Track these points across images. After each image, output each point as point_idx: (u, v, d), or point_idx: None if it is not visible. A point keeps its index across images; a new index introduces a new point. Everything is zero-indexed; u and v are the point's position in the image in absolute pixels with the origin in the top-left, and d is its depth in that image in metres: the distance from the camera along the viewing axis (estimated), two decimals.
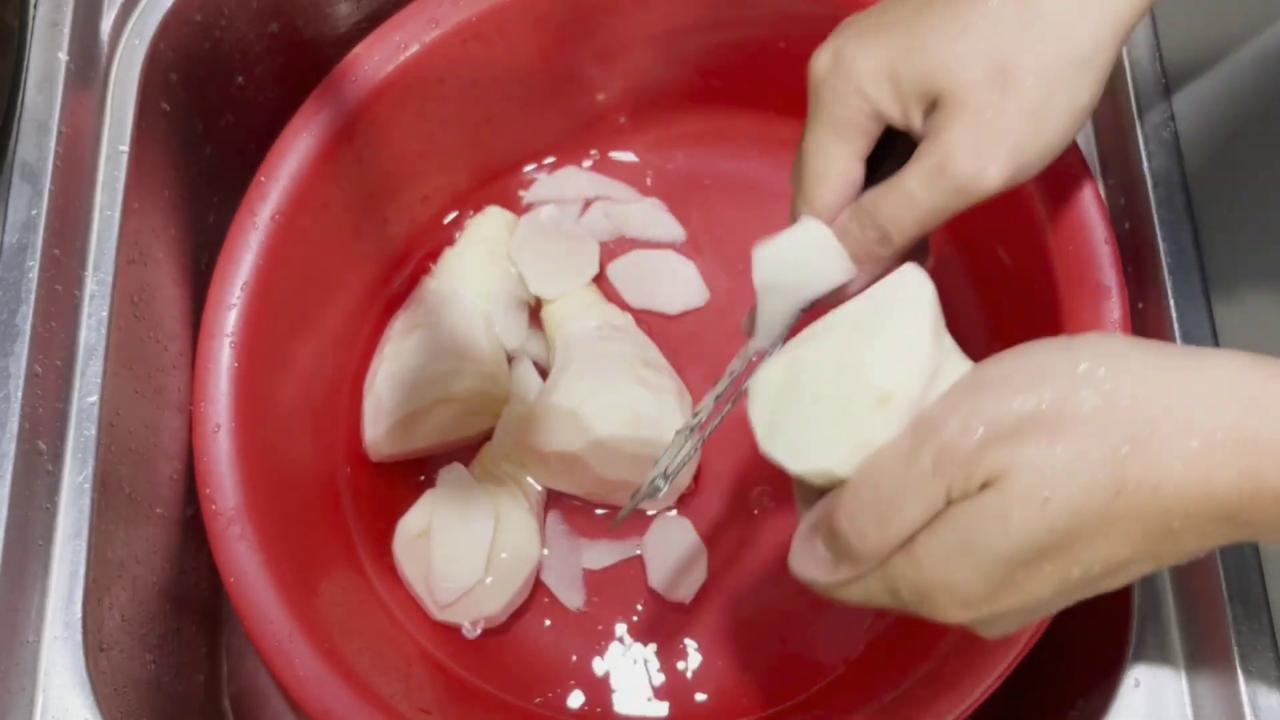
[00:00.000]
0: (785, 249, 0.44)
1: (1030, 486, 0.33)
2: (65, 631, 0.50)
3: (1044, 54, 0.40)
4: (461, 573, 0.61)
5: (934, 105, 0.41)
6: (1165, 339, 0.52)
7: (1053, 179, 0.54)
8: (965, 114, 0.40)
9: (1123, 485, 0.33)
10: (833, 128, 0.42)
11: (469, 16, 0.61)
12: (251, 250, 0.58)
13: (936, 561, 0.34)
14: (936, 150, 0.41)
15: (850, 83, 0.42)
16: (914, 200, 0.41)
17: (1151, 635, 0.50)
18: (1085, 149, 0.57)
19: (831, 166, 0.43)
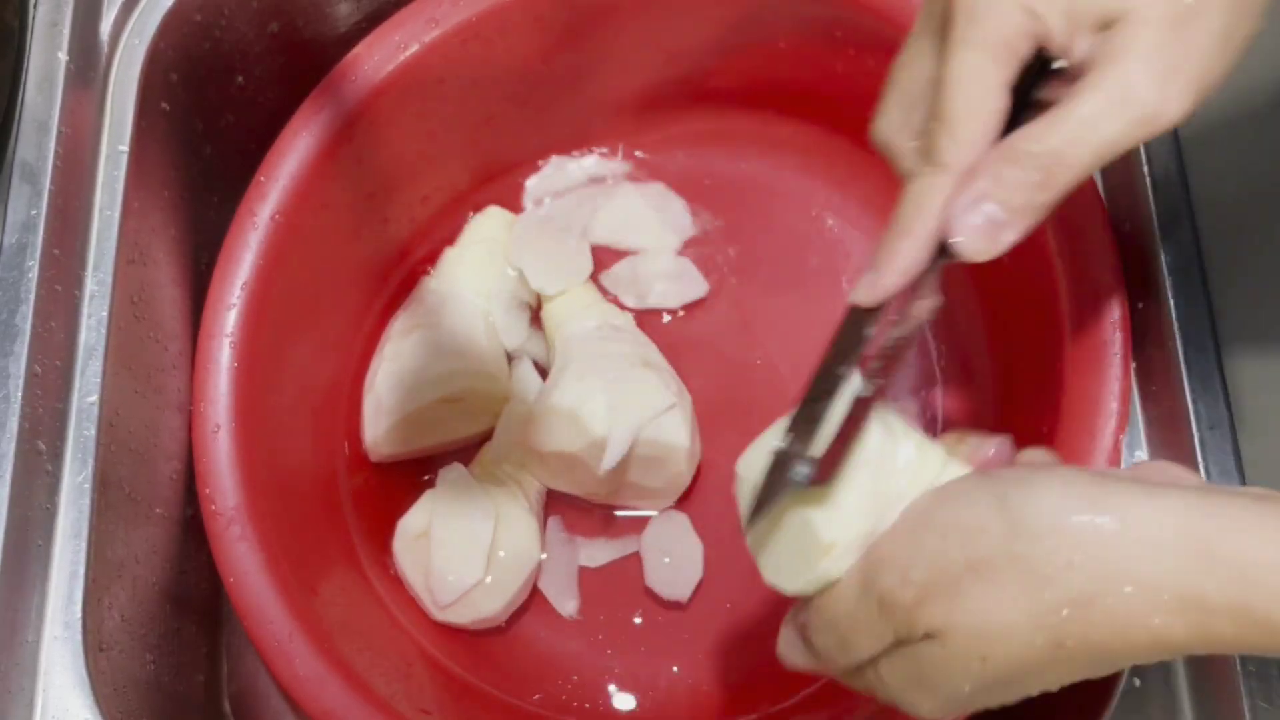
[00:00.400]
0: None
1: (967, 647, 0.34)
2: (65, 631, 0.50)
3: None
4: (461, 573, 0.61)
5: (1109, 26, 0.37)
6: (1165, 339, 0.52)
7: None
8: (1150, 35, 0.36)
9: (1063, 641, 0.33)
10: (988, 49, 0.37)
11: (469, 16, 0.61)
12: (251, 250, 0.58)
13: (897, 685, 0.37)
14: (1116, 75, 0.36)
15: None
16: (1091, 132, 0.36)
17: None
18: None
19: (988, 95, 0.37)
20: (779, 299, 0.69)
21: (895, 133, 0.42)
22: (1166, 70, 0.36)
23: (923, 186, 0.39)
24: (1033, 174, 0.37)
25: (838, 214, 0.70)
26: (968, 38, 0.37)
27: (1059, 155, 0.37)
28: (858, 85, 0.64)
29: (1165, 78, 0.36)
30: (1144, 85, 0.36)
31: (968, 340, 0.66)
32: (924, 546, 0.35)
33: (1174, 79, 0.36)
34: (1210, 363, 0.51)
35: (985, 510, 0.34)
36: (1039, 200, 0.38)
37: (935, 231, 0.39)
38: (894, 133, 0.42)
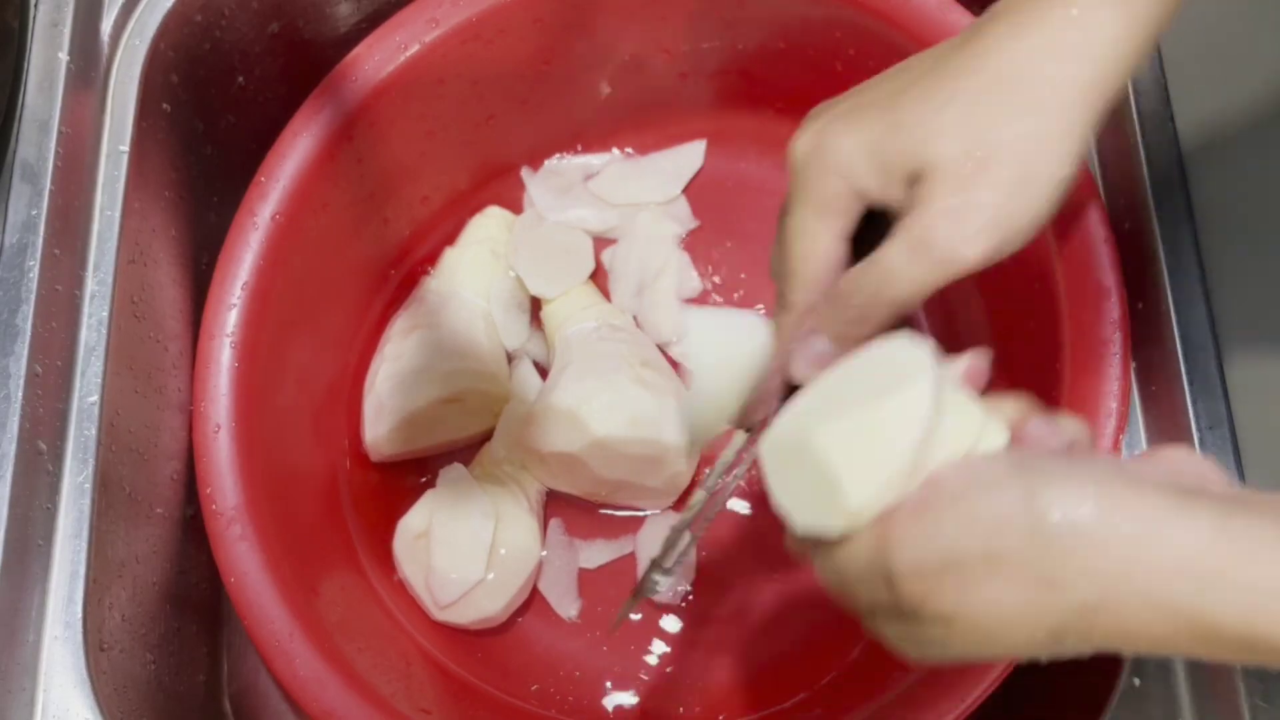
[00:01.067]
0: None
1: (970, 633, 0.35)
2: (66, 631, 0.50)
3: (1021, 130, 0.40)
4: (461, 573, 0.61)
5: (915, 181, 0.41)
6: (1165, 339, 0.52)
7: None
8: (946, 188, 0.40)
9: (1063, 638, 0.35)
10: (814, 208, 0.42)
11: (469, 16, 0.61)
12: (252, 250, 0.58)
13: (899, 639, 0.38)
14: (917, 224, 0.40)
15: (831, 162, 0.42)
16: (894, 276, 0.41)
17: None
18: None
19: (816, 246, 0.43)
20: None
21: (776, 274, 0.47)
22: (959, 218, 0.40)
23: (776, 324, 0.44)
24: (851, 313, 0.42)
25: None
26: (799, 198, 0.43)
27: (872, 297, 0.42)
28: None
29: (959, 225, 0.40)
30: (939, 233, 0.40)
31: (968, 340, 0.65)
32: (943, 531, 0.35)
33: (967, 225, 0.40)
34: (1210, 363, 0.51)
35: (1012, 504, 0.35)
36: (860, 333, 0.43)
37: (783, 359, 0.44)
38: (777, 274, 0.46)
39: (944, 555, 0.35)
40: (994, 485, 0.35)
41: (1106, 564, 0.33)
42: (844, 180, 0.42)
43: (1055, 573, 0.34)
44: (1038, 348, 0.56)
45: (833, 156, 0.42)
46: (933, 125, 0.40)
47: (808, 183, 0.43)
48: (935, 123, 0.40)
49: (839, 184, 0.42)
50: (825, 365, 0.41)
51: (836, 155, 0.42)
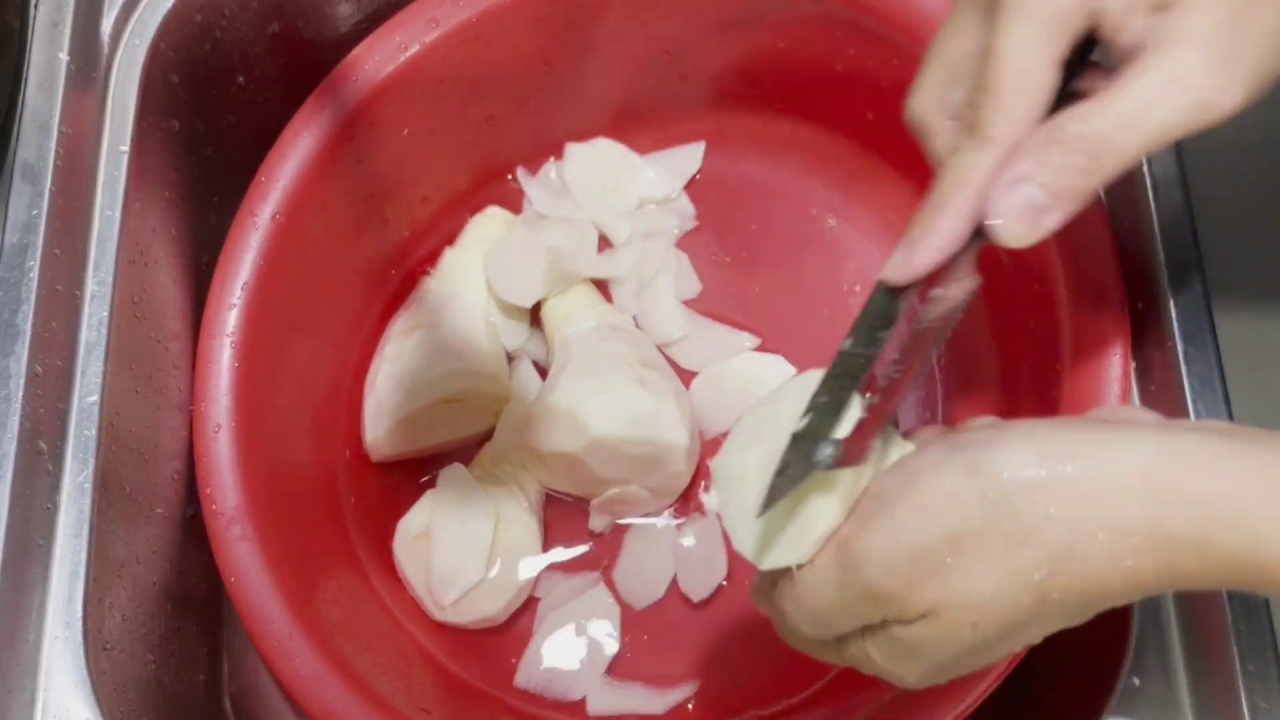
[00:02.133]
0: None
1: (958, 619, 0.35)
2: (66, 631, 0.50)
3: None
4: (461, 573, 0.61)
5: (1164, 8, 0.36)
6: (1165, 339, 0.52)
7: None
8: (1208, 21, 0.35)
9: (1046, 596, 0.34)
10: (1043, 21, 0.36)
11: (469, 16, 0.61)
12: (252, 250, 0.58)
13: (885, 659, 0.37)
14: (1172, 59, 0.35)
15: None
16: (1143, 117, 0.35)
17: (1151, 636, 0.50)
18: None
19: (1039, 68, 0.36)
20: (778, 299, 0.69)
21: (931, 110, 0.40)
22: (1224, 58, 0.35)
23: (964, 160, 0.37)
24: (1078, 158, 0.36)
25: (838, 214, 0.70)
26: (1022, 7, 0.36)
27: (1107, 139, 0.36)
28: (858, 85, 0.64)
29: (1222, 66, 0.35)
30: (1200, 72, 0.35)
31: (968, 340, 0.66)
32: (903, 530, 0.35)
33: (1231, 68, 0.35)
34: (1210, 363, 0.51)
35: (957, 480, 0.34)
36: (1083, 185, 0.36)
37: (975, 208, 0.37)
38: (930, 110, 0.40)
39: (910, 550, 0.35)
40: (933, 469, 0.35)
41: (1062, 505, 0.33)
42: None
43: (1018, 531, 0.33)
44: (1038, 348, 0.56)
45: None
46: None
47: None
48: None
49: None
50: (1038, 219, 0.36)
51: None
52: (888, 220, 0.68)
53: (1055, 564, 0.34)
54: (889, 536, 0.35)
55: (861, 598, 0.36)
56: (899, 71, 0.62)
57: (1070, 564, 0.33)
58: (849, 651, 0.38)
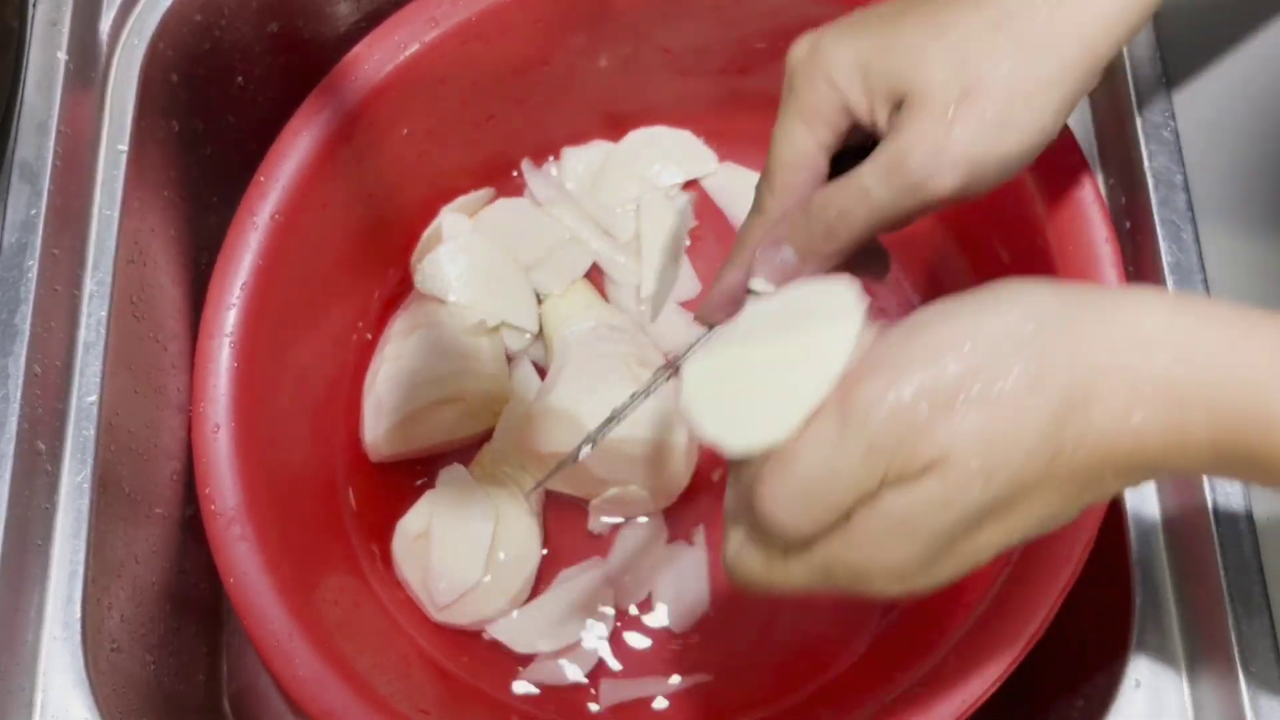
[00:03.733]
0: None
1: (972, 468, 0.33)
2: (65, 631, 0.50)
3: (1011, 71, 0.40)
4: (461, 573, 0.61)
5: (899, 105, 0.41)
6: None
7: (1053, 178, 0.54)
8: (926, 115, 0.40)
9: (1060, 447, 0.33)
10: (802, 116, 0.43)
11: (469, 16, 0.61)
12: (251, 250, 0.58)
13: (875, 542, 0.34)
14: (894, 147, 0.41)
15: (822, 72, 0.42)
16: (865, 194, 0.41)
17: (1152, 635, 0.50)
18: (1085, 147, 0.57)
19: (798, 153, 0.43)
20: None
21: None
22: (935, 149, 0.40)
23: (746, 225, 0.45)
24: (819, 227, 0.43)
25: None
26: (788, 104, 0.44)
27: (842, 214, 0.42)
28: None
29: (934, 155, 0.40)
30: (914, 159, 0.40)
31: None
32: (914, 370, 0.34)
33: (942, 157, 0.40)
34: None
35: (972, 320, 0.34)
36: (825, 248, 0.43)
37: (749, 259, 0.45)
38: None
39: (920, 387, 0.33)
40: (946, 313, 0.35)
41: (1083, 349, 0.33)
42: (833, 91, 0.42)
43: (1037, 371, 0.33)
44: None
45: (825, 65, 0.42)
46: (925, 51, 0.41)
47: (798, 89, 0.43)
48: (929, 49, 0.40)
49: (828, 93, 0.42)
50: (787, 276, 0.43)
51: (828, 64, 0.42)
52: None
53: (1070, 409, 0.33)
54: (898, 378, 0.33)
55: (862, 454, 0.33)
56: None
57: (1086, 411, 0.33)
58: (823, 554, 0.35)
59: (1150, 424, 0.33)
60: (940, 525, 0.34)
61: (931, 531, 0.34)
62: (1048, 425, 0.33)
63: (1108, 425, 0.33)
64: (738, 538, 0.38)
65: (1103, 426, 0.33)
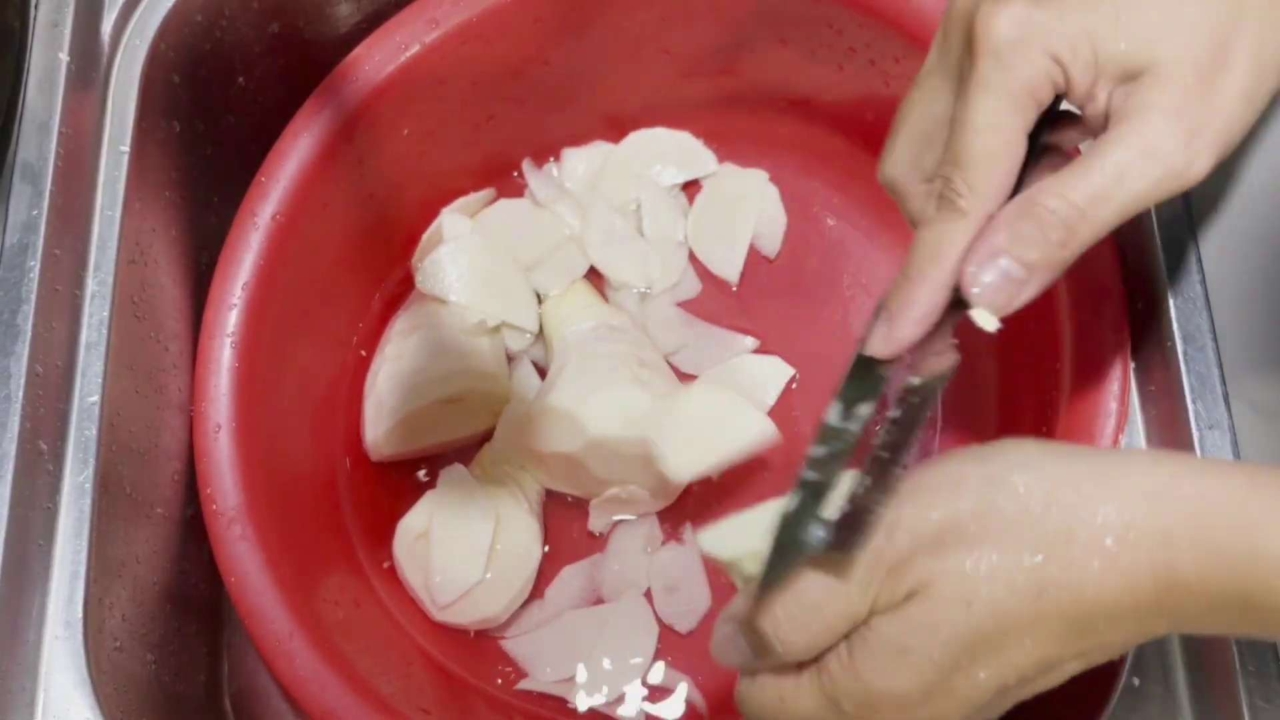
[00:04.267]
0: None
1: (953, 594, 0.34)
2: (66, 631, 0.50)
3: (1260, 34, 0.36)
4: (461, 573, 0.61)
5: (1132, 78, 0.36)
6: (1164, 339, 0.52)
7: None
8: (1176, 92, 0.36)
9: (1044, 587, 0.34)
10: (1012, 95, 0.36)
11: (469, 16, 0.61)
12: (252, 250, 0.58)
13: (874, 669, 0.35)
14: (1142, 131, 0.36)
15: (1041, 43, 0.36)
16: (1116, 189, 0.36)
17: None
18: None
19: (1005, 141, 0.37)
20: (777, 299, 0.69)
21: (905, 173, 0.41)
22: (1193, 128, 0.36)
23: (940, 233, 0.38)
24: (1053, 232, 0.37)
25: (838, 214, 0.70)
26: (991, 82, 0.37)
27: (1082, 212, 0.36)
28: (858, 86, 0.64)
29: (1191, 135, 0.36)
30: (1171, 142, 0.36)
31: (967, 341, 0.65)
32: (905, 508, 0.35)
33: (1200, 136, 0.36)
34: (1210, 363, 0.51)
35: (962, 466, 0.35)
36: (1058, 257, 0.37)
37: (951, 280, 0.38)
38: (904, 173, 0.41)
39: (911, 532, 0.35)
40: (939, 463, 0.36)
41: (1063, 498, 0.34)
42: (1054, 65, 0.36)
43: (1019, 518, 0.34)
44: (1037, 348, 0.56)
45: (1045, 36, 0.36)
46: (1169, 20, 0.36)
47: (1011, 65, 0.36)
48: (1172, 17, 0.36)
49: (1047, 68, 0.36)
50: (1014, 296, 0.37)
51: (1049, 35, 0.36)
52: (888, 220, 0.68)
53: (1053, 550, 0.33)
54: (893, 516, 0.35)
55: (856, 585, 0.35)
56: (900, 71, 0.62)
57: (1069, 552, 0.33)
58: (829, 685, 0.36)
59: (1138, 568, 0.33)
60: (931, 650, 0.34)
61: (925, 656, 0.34)
62: (1028, 563, 0.34)
63: (1092, 567, 0.33)
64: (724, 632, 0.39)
65: (1086, 568, 0.33)
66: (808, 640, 0.35)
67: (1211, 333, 0.52)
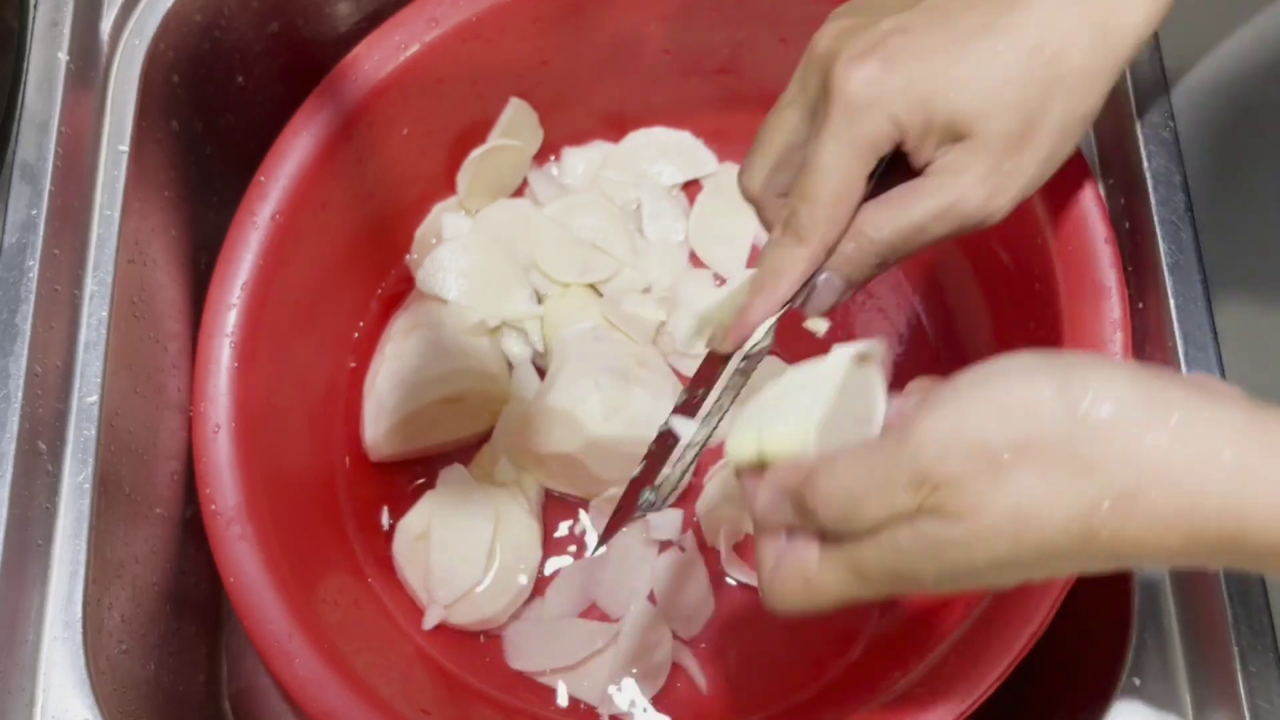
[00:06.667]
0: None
1: (998, 528, 0.34)
2: (65, 631, 0.50)
3: (1066, 110, 0.42)
4: (461, 573, 0.61)
5: (954, 138, 0.42)
6: (1165, 339, 0.52)
7: (1053, 180, 0.53)
8: (987, 158, 0.42)
9: (1096, 534, 0.34)
10: (855, 147, 0.42)
11: (469, 16, 0.61)
12: (251, 250, 0.58)
13: (903, 557, 0.36)
14: (953, 188, 0.42)
15: (885, 105, 0.42)
16: (920, 232, 0.43)
17: (1152, 636, 0.50)
18: (1085, 149, 0.57)
19: (850, 185, 0.43)
20: None
21: (761, 188, 0.47)
22: (993, 190, 0.43)
23: (784, 255, 0.44)
24: (871, 258, 0.44)
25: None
26: (840, 134, 0.42)
27: (893, 247, 0.44)
28: None
29: (991, 196, 0.43)
30: (973, 201, 0.43)
31: (969, 340, 0.66)
32: (972, 421, 0.34)
33: (998, 197, 0.43)
34: (1210, 362, 0.51)
35: (1043, 390, 0.34)
36: (873, 275, 0.45)
37: (788, 295, 0.44)
38: (760, 188, 0.47)
39: (971, 442, 0.34)
40: (1021, 372, 0.35)
41: (1144, 451, 0.33)
42: (893, 125, 0.42)
43: (1092, 459, 0.33)
44: (1038, 348, 0.55)
45: (889, 99, 0.42)
46: (988, 93, 0.42)
47: (858, 122, 0.42)
48: (991, 92, 0.42)
49: (887, 127, 0.42)
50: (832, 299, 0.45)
51: (892, 98, 0.42)
52: None
53: (1116, 504, 0.33)
54: (956, 424, 0.35)
55: (907, 480, 0.35)
56: None
57: (1132, 508, 0.33)
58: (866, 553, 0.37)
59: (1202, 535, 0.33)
60: (961, 561, 0.35)
61: (954, 562, 0.35)
62: (1088, 510, 0.33)
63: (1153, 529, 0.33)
64: (772, 556, 0.39)
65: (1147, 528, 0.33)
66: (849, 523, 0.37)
67: (1212, 332, 0.52)
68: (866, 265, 0.44)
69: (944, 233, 0.43)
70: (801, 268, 0.44)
